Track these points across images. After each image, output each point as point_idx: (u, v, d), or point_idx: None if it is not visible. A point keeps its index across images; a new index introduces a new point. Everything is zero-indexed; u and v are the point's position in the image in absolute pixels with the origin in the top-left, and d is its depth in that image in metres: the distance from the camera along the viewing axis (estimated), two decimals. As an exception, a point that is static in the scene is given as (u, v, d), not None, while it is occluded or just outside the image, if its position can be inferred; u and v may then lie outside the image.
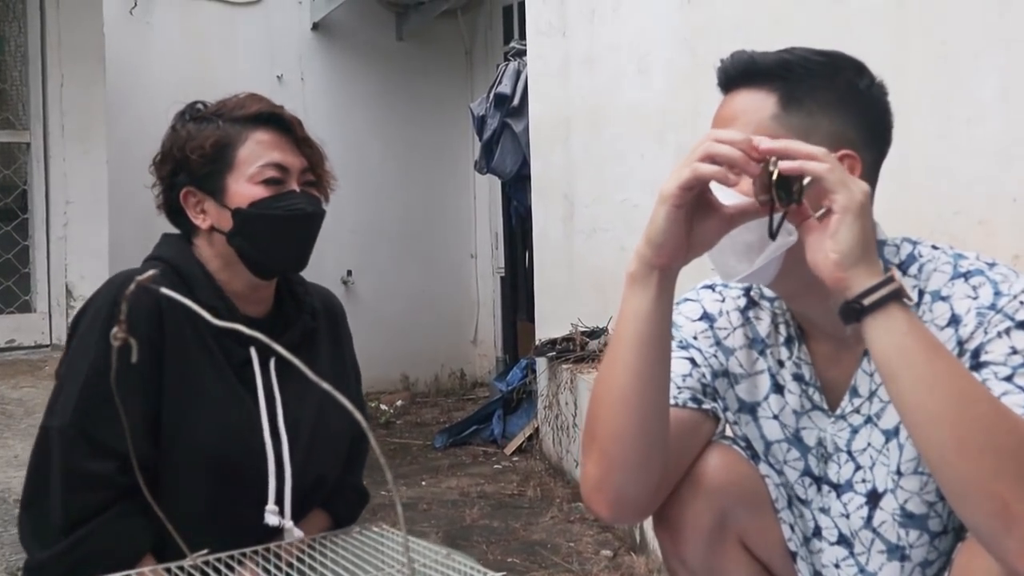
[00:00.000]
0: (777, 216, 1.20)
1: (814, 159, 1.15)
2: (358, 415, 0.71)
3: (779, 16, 3.20)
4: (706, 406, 1.41)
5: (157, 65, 5.36)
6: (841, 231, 1.15)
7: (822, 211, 1.18)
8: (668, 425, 1.31)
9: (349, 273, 6.43)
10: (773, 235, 1.20)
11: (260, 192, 1.60)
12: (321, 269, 6.35)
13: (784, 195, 1.17)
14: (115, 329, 0.85)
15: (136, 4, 5.43)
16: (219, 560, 1.23)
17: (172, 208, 1.67)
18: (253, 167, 1.60)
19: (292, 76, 6.21)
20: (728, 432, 1.49)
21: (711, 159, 1.19)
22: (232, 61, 5.98)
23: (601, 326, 4.14)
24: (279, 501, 1.58)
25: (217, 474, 1.55)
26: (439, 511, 3.72)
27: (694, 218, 1.23)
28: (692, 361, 1.43)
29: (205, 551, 1.22)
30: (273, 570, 1.31)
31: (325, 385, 0.73)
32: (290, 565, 1.41)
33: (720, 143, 1.19)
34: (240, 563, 1.32)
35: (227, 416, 1.57)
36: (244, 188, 1.60)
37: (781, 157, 1.16)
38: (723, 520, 1.38)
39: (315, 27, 6.26)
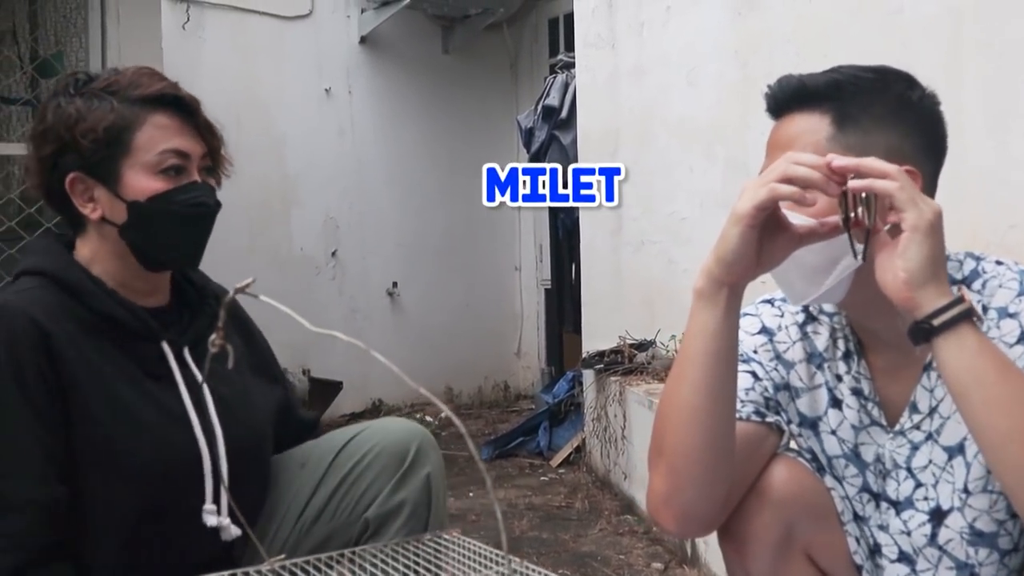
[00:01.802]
0: (857, 237, 1.20)
1: (885, 176, 1.16)
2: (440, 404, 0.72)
3: (831, 29, 3.19)
4: (769, 419, 1.41)
5: (208, 78, 5.44)
6: (910, 250, 1.15)
7: (887, 227, 1.19)
8: (735, 440, 1.32)
9: (394, 285, 6.47)
10: (861, 256, 1.21)
11: (159, 184, 1.49)
12: (367, 281, 6.42)
13: (865, 214, 1.18)
14: (213, 336, 0.86)
15: (188, 19, 5.52)
16: (296, 565, 1.24)
17: (52, 193, 1.53)
18: (152, 154, 1.49)
19: (340, 89, 6.27)
20: (793, 445, 1.49)
21: (789, 180, 1.20)
22: (281, 74, 6.05)
23: (649, 339, 4.13)
24: (217, 499, 1.50)
25: (149, 488, 1.46)
26: (488, 522, 3.73)
27: (763, 236, 1.24)
28: (753, 375, 1.44)
29: (283, 555, 1.23)
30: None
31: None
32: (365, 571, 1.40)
33: (799, 165, 1.20)
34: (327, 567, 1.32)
35: (149, 425, 1.47)
36: (142, 179, 1.49)
37: (855, 175, 1.17)
38: (789, 533, 1.38)
39: (363, 41, 6.32)
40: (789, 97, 1.33)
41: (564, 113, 4.95)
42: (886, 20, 2.98)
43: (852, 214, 1.18)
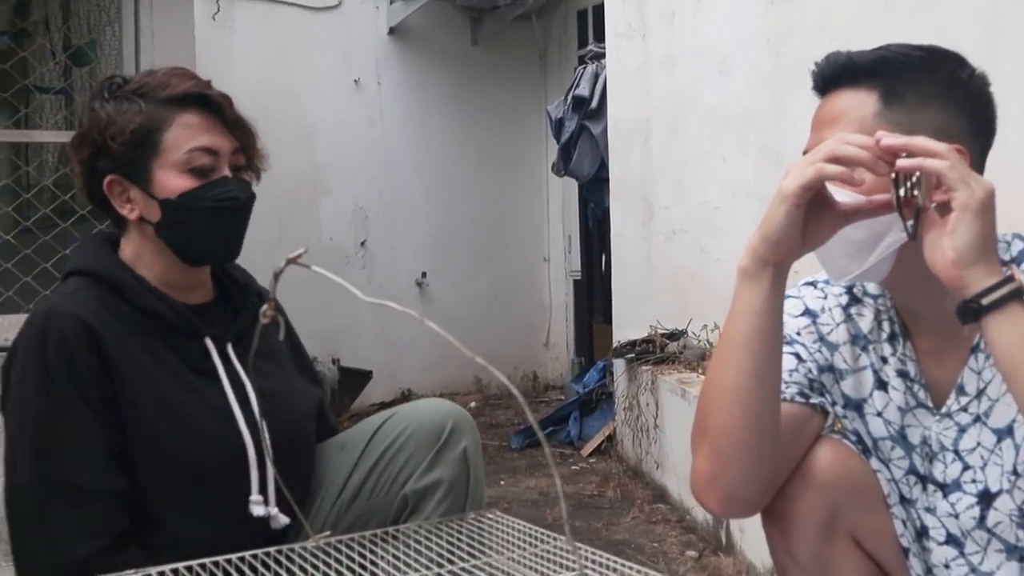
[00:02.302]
0: (906, 216, 1.19)
1: (936, 155, 1.15)
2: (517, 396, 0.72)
3: (866, 17, 3.17)
4: (814, 400, 1.40)
5: (238, 69, 5.46)
6: (959, 229, 1.14)
7: (934, 205, 1.18)
8: (779, 421, 1.31)
9: (423, 275, 6.48)
10: (910, 234, 1.20)
11: (188, 182, 1.51)
12: (396, 271, 6.43)
13: (912, 192, 1.17)
14: (265, 307, 0.87)
15: (219, 9, 5.55)
16: (340, 542, 1.25)
17: (94, 195, 1.57)
18: (180, 154, 1.51)
19: (369, 80, 6.29)
20: (838, 427, 1.48)
21: (836, 160, 1.19)
22: (310, 65, 6.07)
23: (681, 328, 4.12)
24: (264, 490, 1.53)
25: (195, 482, 1.50)
26: (520, 510, 3.73)
27: (809, 215, 1.23)
28: (797, 356, 1.43)
29: (328, 532, 1.24)
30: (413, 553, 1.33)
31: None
32: (413, 549, 1.41)
33: (847, 144, 1.19)
34: (372, 544, 1.33)
35: (196, 422, 1.50)
36: (171, 178, 1.51)
37: (905, 153, 1.16)
38: (834, 515, 1.37)
39: (392, 31, 6.33)
40: (836, 73, 1.32)
41: (594, 103, 4.93)
42: (921, 6, 2.95)
43: (902, 193, 1.17)
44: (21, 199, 3.78)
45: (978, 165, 1.30)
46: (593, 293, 5.67)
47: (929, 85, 1.28)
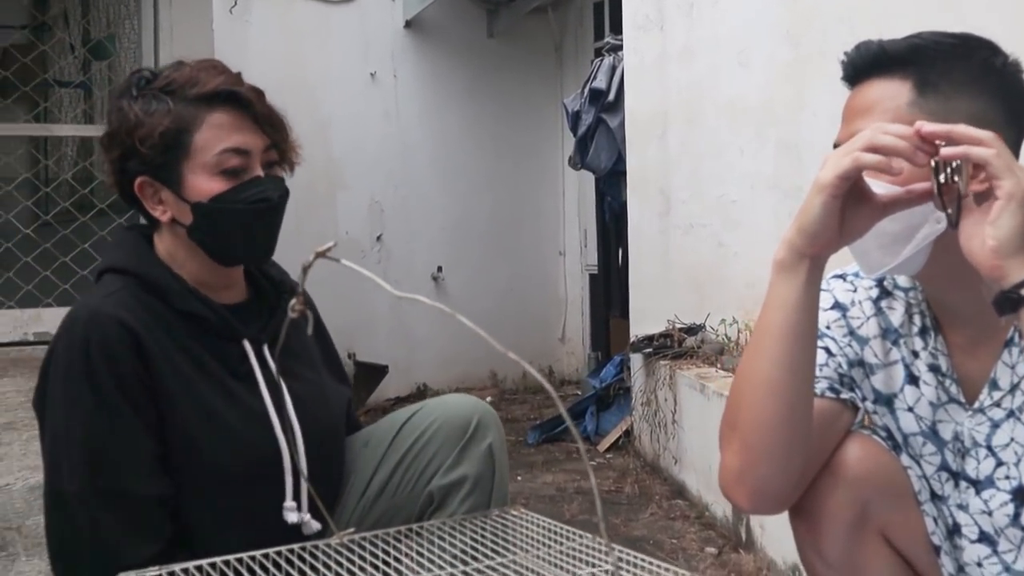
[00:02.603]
0: (949, 203, 1.17)
1: (980, 143, 1.13)
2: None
3: (886, 6, 3.13)
4: (844, 395, 1.38)
5: (255, 62, 5.44)
6: (1003, 218, 1.12)
7: (971, 195, 1.15)
8: (811, 416, 1.29)
9: (439, 270, 6.47)
10: (952, 223, 1.17)
11: (220, 185, 1.48)
12: (412, 265, 6.42)
13: (952, 179, 1.14)
14: (293, 301, 0.86)
15: (236, 3, 5.54)
16: (364, 539, 1.24)
17: (125, 194, 1.55)
18: (211, 155, 1.47)
19: (385, 73, 6.27)
20: (868, 422, 1.46)
21: (874, 149, 1.17)
22: (327, 58, 6.06)
23: (698, 323, 4.10)
24: (297, 496, 1.52)
25: (231, 487, 1.49)
26: (537, 506, 3.72)
27: (846, 207, 1.21)
28: (827, 350, 1.41)
29: (352, 529, 1.22)
30: (436, 550, 1.31)
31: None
32: (438, 545, 1.40)
33: (886, 134, 1.17)
34: (397, 541, 1.32)
35: (233, 427, 1.49)
36: (202, 180, 1.48)
37: (946, 142, 1.14)
38: (864, 512, 1.35)
39: (408, 24, 6.31)
40: (868, 63, 1.29)
41: (611, 96, 4.91)
42: (943, -1, 2.92)
43: (942, 180, 1.15)
44: (40, 193, 3.79)
45: (1015, 152, 1.27)
46: (610, 287, 5.64)
47: (963, 73, 1.26)
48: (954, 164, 1.15)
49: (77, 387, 1.41)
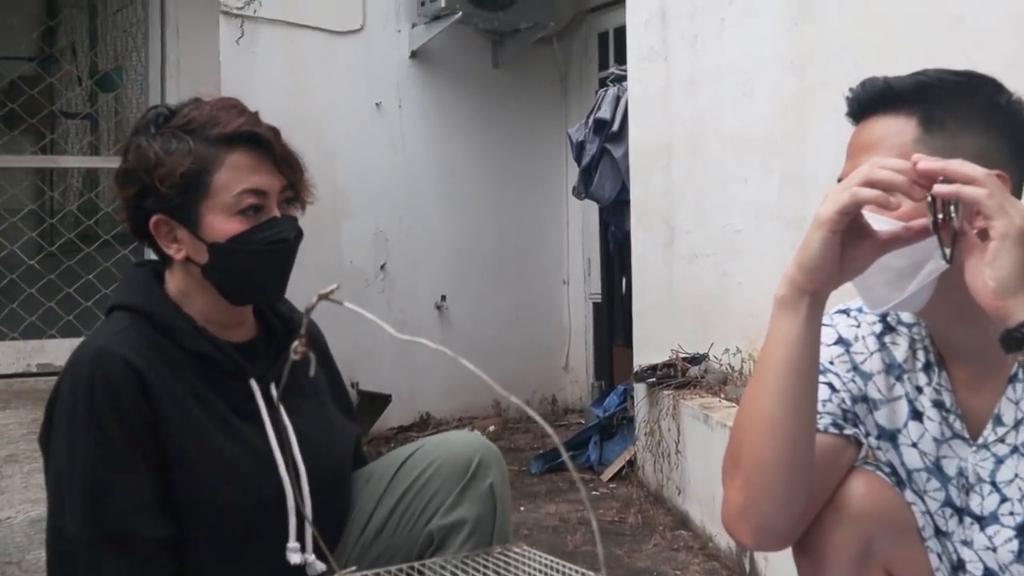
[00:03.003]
0: (944, 241, 1.17)
1: (973, 182, 1.13)
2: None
3: (890, 38, 3.15)
4: (847, 431, 1.38)
5: (261, 92, 5.47)
6: (1000, 258, 1.12)
7: (975, 232, 1.16)
8: (814, 452, 1.29)
9: (443, 298, 6.47)
10: (948, 259, 1.18)
11: (238, 225, 1.49)
12: (416, 294, 6.42)
13: (949, 215, 1.15)
14: (295, 343, 0.86)
15: (243, 34, 5.58)
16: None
17: (139, 230, 1.55)
18: (230, 196, 1.48)
19: (390, 103, 6.30)
20: (871, 458, 1.45)
21: (872, 184, 1.17)
22: (332, 88, 6.09)
23: (702, 352, 4.09)
24: (301, 536, 1.51)
25: (235, 528, 1.49)
26: (540, 537, 3.70)
27: (846, 243, 1.21)
28: (831, 386, 1.41)
29: (353, 568, 1.22)
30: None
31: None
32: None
33: (883, 168, 1.18)
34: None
35: (238, 468, 1.49)
36: (221, 221, 1.49)
37: (942, 178, 1.14)
38: (868, 548, 1.34)
39: (413, 55, 6.35)
40: (874, 99, 1.30)
41: (616, 126, 4.92)
42: (947, 29, 2.94)
43: (940, 216, 1.15)
44: (45, 224, 3.80)
45: (1018, 190, 1.28)
46: (614, 316, 5.64)
47: (968, 110, 1.26)
48: (951, 202, 1.15)
49: (81, 425, 1.41)
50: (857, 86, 1.33)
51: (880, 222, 1.22)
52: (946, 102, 1.27)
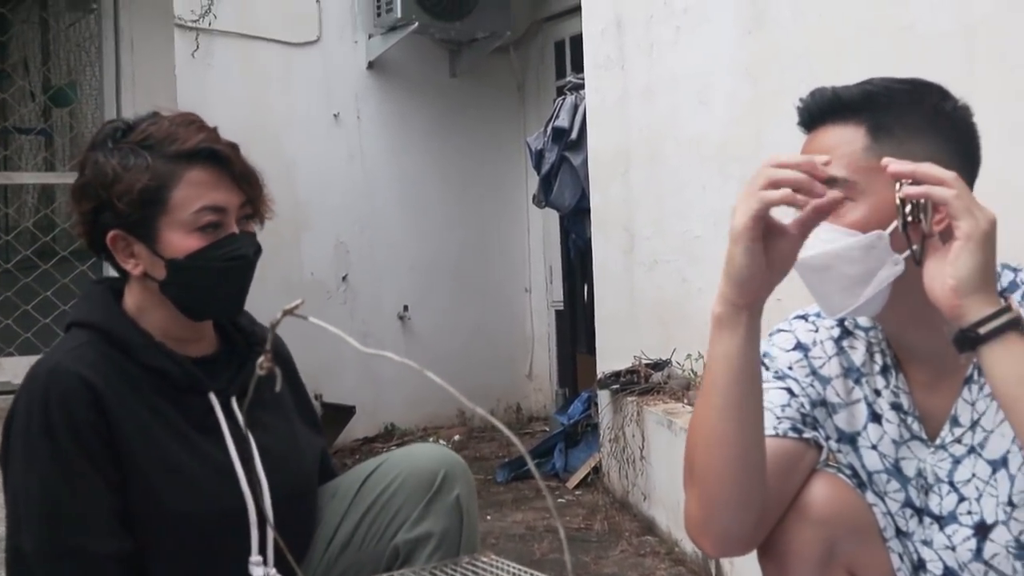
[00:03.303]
0: (898, 245, 1.20)
1: (942, 183, 1.16)
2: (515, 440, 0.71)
3: (843, 45, 3.20)
4: (807, 435, 1.40)
5: (217, 105, 5.44)
6: (962, 259, 1.15)
7: (934, 236, 1.19)
8: (765, 461, 1.32)
9: (405, 309, 6.46)
10: (917, 259, 1.20)
11: (196, 242, 1.48)
12: (378, 305, 6.41)
13: (918, 217, 1.18)
14: (261, 359, 0.86)
15: (198, 47, 5.54)
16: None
17: (96, 245, 1.54)
18: (188, 213, 1.47)
19: (348, 114, 6.28)
20: (832, 461, 1.48)
21: (775, 185, 1.20)
22: (290, 100, 6.07)
23: (664, 358, 4.12)
24: (263, 549, 1.51)
25: (196, 542, 1.48)
26: (507, 545, 3.70)
27: (766, 246, 1.24)
28: (789, 391, 1.43)
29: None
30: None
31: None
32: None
33: (780, 167, 1.21)
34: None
35: (197, 483, 1.48)
36: (179, 237, 1.48)
37: (911, 180, 1.17)
38: (831, 550, 1.36)
39: (370, 66, 6.34)
40: (823, 109, 1.33)
41: (574, 134, 4.95)
42: (898, 35, 2.99)
43: (910, 218, 1.18)
44: (1, 241, 3.75)
45: None
46: (576, 324, 5.67)
47: (915, 117, 1.29)
48: (920, 202, 1.18)
49: (36, 444, 1.41)
50: (807, 96, 1.35)
51: (787, 214, 1.24)
52: (894, 110, 1.30)
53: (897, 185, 1.19)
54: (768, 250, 1.24)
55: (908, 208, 1.18)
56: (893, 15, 3.01)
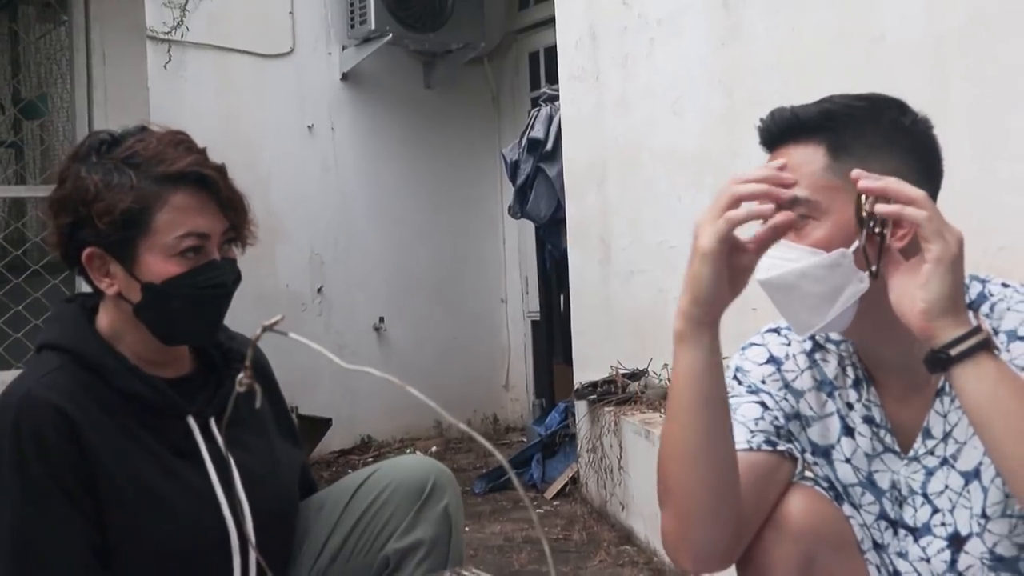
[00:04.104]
0: (871, 258, 1.21)
1: (913, 203, 1.16)
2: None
3: (815, 57, 3.23)
4: (781, 447, 1.41)
5: (190, 118, 5.41)
6: (932, 282, 1.16)
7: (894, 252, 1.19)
8: (738, 474, 1.32)
9: (381, 320, 6.44)
10: (873, 274, 1.21)
11: (176, 267, 1.44)
12: (353, 316, 6.39)
13: (877, 234, 1.18)
14: (241, 375, 0.85)
15: (170, 59, 5.51)
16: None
17: (71, 260, 1.50)
18: (171, 237, 1.43)
19: (322, 126, 6.27)
20: (808, 473, 1.48)
21: (738, 201, 1.22)
22: (263, 112, 6.04)
23: (641, 368, 4.13)
24: (245, 573, 1.49)
25: (177, 569, 1.45)
26: (486, 557, 3.69)
27: (728, 263, 1.25)
28: (763, 404, 1.43)
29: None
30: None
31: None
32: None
33: (743, 183, 1.23)
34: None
35: (176, 508, 1.45)
36: (158, 262, 1.44)
37: (880, 198, 1.18)
38: (809, 563, 1.36)
39: (344, 77, 6.32)
40: (783, 129, 1.34)
41: (549, 145, 4.95)
42: (869, 47, 3.01)
43: (875, 231, 1.19)
44: (-29, 255, 3.72)
45: None
46: (552, 334, 5.66)
47: (874, 134, 1.30)
48: (882, 220, 1.18)
49: (6, 476, 1.37)
50: (767, 116, 1.36)
51: (746, 232, 1.25)
52: (853, 128, 1.31)
53: (863, 199, 1.20)
54: (728, 267, 1.25)
55: (872, 224, 1.19)
56: (864, 27, 3.03)
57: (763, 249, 1.26)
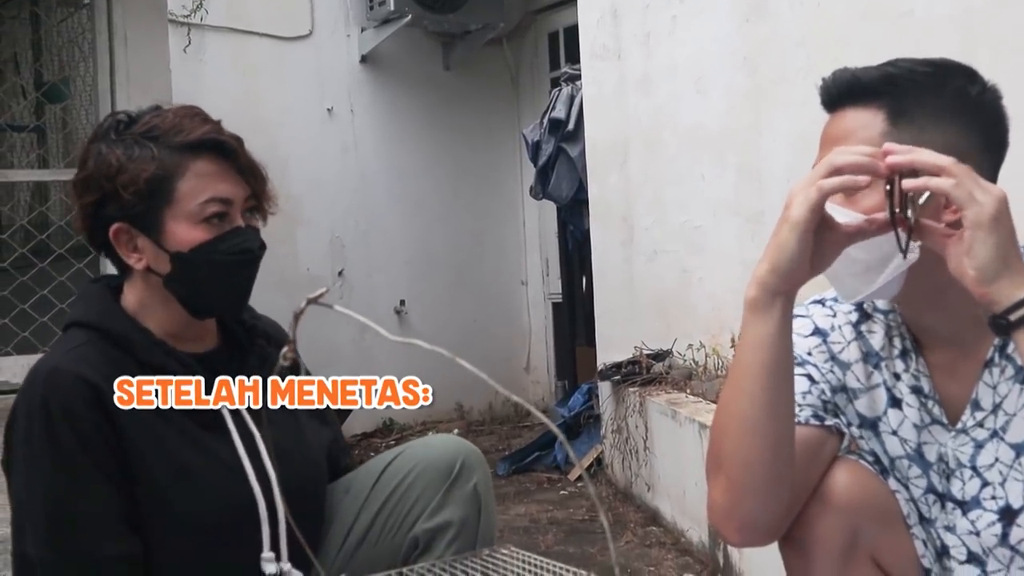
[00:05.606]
0: (904, 234, 1.18)
1: (941, 172, 1.13)
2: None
3: (842, 32, 3.19)
4: (828, 422, 1.38)
5: (210, 101, 5.36)
6: (975, 247, 1.13)
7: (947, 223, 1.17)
8: (794, 449, 1.30)
9: (402, 303, 6.44)
10: (904, 252, 1.18)
11: (202, 234, 1.46)
12: (374, 299, 6.38)
13: (909, 211, 1.15)
14: (285, 349, 0.84)
15: (190, 42, 5.50)
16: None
17: (97, 239, 1.52)
18: (194, 204, 1.45)
19: (342, 108, 6.26)
20: (855, 447, 1.46)
21: (837, 171, 1.18)
22: (283, 95, 6.03)
23: (665, 348, 4.11)
24: (275, 546, 1.49)
25: (206, 540, 1.46)
26: (512, 538, 3.69)
27: (814, 238, 1.22)
28: (809, 378, 1.41)
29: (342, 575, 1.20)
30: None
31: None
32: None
33: (845, 155, 1.19)
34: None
35: (204, 480, 1.46)
36: (184, 229, 1.46)
37: (909, 170, 1.15)
38: (855, 538, 1.34)
39: (363, 59, 6.31)
40: (842, 92, 1.31)
41: (571, 125, 4.92)
42: (897, 22, 2.97)
43: (898, 210, 1.16)
44: (-4, 239, 3.73)
45: (990, 179, 1.28)
46: (575, 316, 5.64)
47: (937, 102, 1.27)
48: (908, 195, 1.15)
49: (37, 450, 1.38)
50: (828, 77, 1.33)
51: (843, 214, 1.22)
52: (914, 94, 1.27)
53: (896, 176, 1.17)
54: (815, 242, 1.21)
55: (901, 198, 1.16)
56: (892, 1, 2.99)
57: (855, 237, 1.22)
